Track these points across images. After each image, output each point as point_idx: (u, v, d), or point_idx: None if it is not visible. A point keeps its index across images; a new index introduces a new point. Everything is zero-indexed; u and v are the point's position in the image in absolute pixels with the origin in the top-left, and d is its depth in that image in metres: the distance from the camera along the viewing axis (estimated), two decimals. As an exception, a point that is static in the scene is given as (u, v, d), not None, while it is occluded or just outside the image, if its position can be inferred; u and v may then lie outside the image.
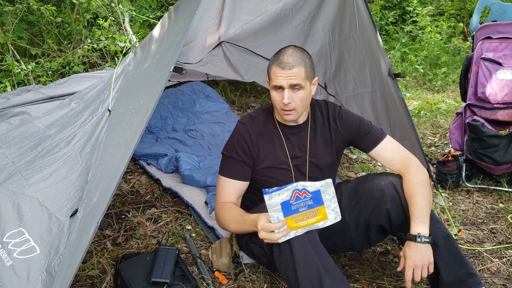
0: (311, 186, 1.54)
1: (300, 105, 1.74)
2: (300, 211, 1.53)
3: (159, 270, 1.76)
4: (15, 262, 1.52)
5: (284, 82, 1.69)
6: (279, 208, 1.51)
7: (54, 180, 1.89)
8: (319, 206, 1.56)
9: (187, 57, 3.17)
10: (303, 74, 1.70)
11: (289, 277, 1.54)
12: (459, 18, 6.51)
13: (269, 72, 1.76)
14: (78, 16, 4.63)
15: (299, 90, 1.71)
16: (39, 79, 3.88)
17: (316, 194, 1.55)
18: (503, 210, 2.52)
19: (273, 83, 1.73)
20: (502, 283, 1.94)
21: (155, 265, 1.78)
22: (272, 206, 1.51)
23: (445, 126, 3.74)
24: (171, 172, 2.76)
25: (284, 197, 1.51)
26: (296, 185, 1.52)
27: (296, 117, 1.80)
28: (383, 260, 2.09)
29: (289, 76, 1.68)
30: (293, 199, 1.52)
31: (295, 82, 1.69)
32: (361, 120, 1.91)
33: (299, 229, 1.54)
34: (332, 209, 1.58)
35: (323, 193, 1.56)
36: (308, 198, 1.54)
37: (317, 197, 1.55)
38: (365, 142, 1.88)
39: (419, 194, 1.66)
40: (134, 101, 1.95)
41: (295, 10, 2.81)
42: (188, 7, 1.97)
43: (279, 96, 1.73)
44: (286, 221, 1.51)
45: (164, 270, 1.76)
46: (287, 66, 1.68)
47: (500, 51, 2.58)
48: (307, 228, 1.55)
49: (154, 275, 1.74)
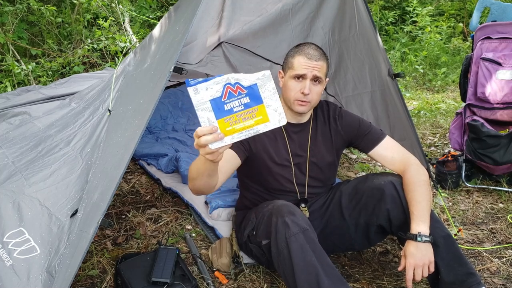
0: (246, 80, 1.26)
1: (315, 99, 1.77)
2: (235, 111, 1.25)
3: (159, 270, 1.76)
4: (15, 262, 1.52)
5: (308, 72, 1.71)
6: (208, 106, 1.25)
7: (54, 180, 1.89)
8: (257, 105, 1.27)
9: (187, 57, 3.16)
10: (325, 69, 1.76)
11: (287, 277, 1.54)
12: (459, 18, 6.51)
13: (291, 61, 1.76)
14: (78, 16, 4.63)
15: (318, 84, 1.75)
16: (39, 79, 3.88)
17: (252, 89, 1.26)
18: (503, 210, 2.52)
19: (296, 72, 1.74)
20: (502, 283, 1.94)
21: (155, 265, 1.79)
22: (200, 104, 1.24)
23: (444, 126, 3.75)
24: (171, 172, 2.76)
25: (214, 92, 1.25)
26: (227, 78, 1.25)
27: (308, 110, 1.81)
28: (383, 260, 2.09)
29: (314, 67, 1.71)
30: (225, 97, 1.25)
31: (318, 74, 1.72)
32: (361, 120, 1.91)
33: (235, 133, 1.27)
34: (274, 109, 1.27)
35: (261, 88, 1.26)
36: (243, 94, 1.26)
37: (254, 93, 1.26)
38: (364, 142, 1.88)
39: (419, 194, 1.66)
40: (134, 101, 1.95)
41: (295, 10, 2.81)
42: (188, 7, 1.97)
43: (299, 85, 1.74)
44: (219, 124, 1.25)
45: (164, 270, 1.76)
46: (314, 58, 1.72)
47: (499, 51, 2.59)
48: (245, 132, 1.27)
49: (154, 275, 1.74)
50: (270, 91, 1.26)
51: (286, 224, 1.55)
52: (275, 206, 1.64)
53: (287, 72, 1.78)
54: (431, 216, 1.66)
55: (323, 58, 1.75)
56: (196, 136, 1.23)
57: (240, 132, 1.27)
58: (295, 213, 1.59)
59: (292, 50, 1.80)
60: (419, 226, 1.60)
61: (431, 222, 1.64)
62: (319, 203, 1.93)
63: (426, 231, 1.60)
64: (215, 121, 1.25)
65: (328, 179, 1.97)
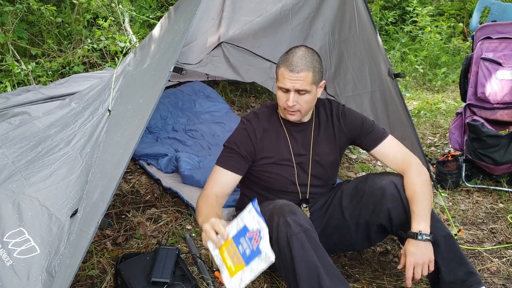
0: (264, 244, 1.41)
1: (304, 107, 1.75)
2: (238, 247, 1.45)
3: (159, 270, 1.76)
4: (15, 262, 1.52)
5: (290, 86, 1.69)
6: (240, 226, 1.47)
7: (54, 180, 1.89)
8: (244, 262, 1.43)
9: (187, 57, 3.16)
10: (310, 79, 1.70)
11: (288, 277, 1.54)
12: (459, 18, 6.51)
13: (277, 71, 1.76)
14: (78, 16, 4.63)
15: (304, 94, 1.72)
16: (39, 79, 3.88)
17: (255, 252, 1.42)
18: (503, 210, 2.52)
19: (279, 84, 1.73)
20: (502, 283, 1.94)
21: (155, 265, 1.78)
22: (243, 218, 1.47)
23: (445, 126, 3.75)
24: (171, 172, 2.76)
25: (249, 224, 1.45)
26: (265, 228, 1.43)
27: (300, 118, 1.81)
28: (383, 260, 2.09)
29: (296, 79, 1.68)
30: (249, 235, 1.45)
31: (301, 87, 1.69)
32: (364, 118, 1.91)
33: (216, 255, 1.48)
34: (240, 278, 1.42)
35: (257, 258, 1.41)
36: (251, 246, 1.43)
37: (252, 256, 1.42)
38: (367, 141, 1.88)
39: (421, 193, 1.67)
40: (134, 101, 1.95)
41: (295, 10, 2.81)
42: (187, 7, 1.97)
43: (284, 97, 1.74)
44: (227, 241, 1.47)
45: (164, 270, 1.76)
46: (295, 69, 1.67)
47: (500, 51, 2.59)
48: (219, 261, 1.47)
49: (154, 275, 1.74)
50: (258, 268, 1.40)
51: (288, 223, 1.54)
52: (276, 205, 1.64)
53: (276, 81, 1.77)
54: (431, 215, 1.66)
55: (308, 68, 1.68)
56: (213, 226, 1.49)
57: (218, 258, 1.48)
58: (297, 212, 1.59)
59: (281, 56, 1.77)
60: (419, 225, 1.61)
61: (431, 222, 1.64)
62: (320, 203, 1.93)
63: (427, 230, 1.60)
64: (231, 236, 1.47)
65: (330, 178, 1.97)
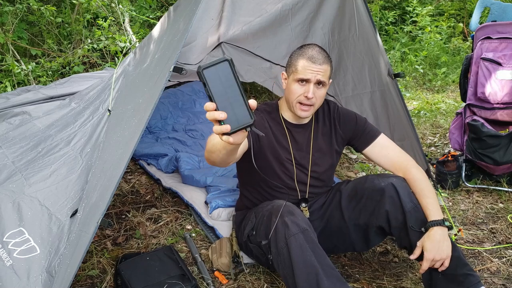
0: None
1: (318, 102, 1.76)
2: None
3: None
4: (15, 262, 1.52)
5: (312, 76, 1.69)
6: None
7: (54, 180, 1.89)
8: None
9: (187, 57, 3.16)
10: (329, 73, 1.74)
11: (287, 277, 1.54)
12: (459, 18, 6.51)
13: (295, 64, 1.74)
14: (78, 16, 4.63)
15: (321, 88, 1.73)
16: (39, 79, 3.88)
17: None
18: (503, 210, 2.52)
19: (299, 76, 1.71)
20: (502, 283, 1.94)
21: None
22: None
23: (445, 126, 3.75)
24: (171, 172, 2.76)
25: None
26: None
27: (310, 114, 1.80)
28: (383, 260, 2.09)
29: (318, 71, 1.69)
30: None
31: (322, 78, 1.70)
32: (357, 117, 1.92)
33: None
34: None
35: None
36: None
37: None
38: (361, 141, 1.88)
39: (427, 190, 1.71)
40: (133, 101, 1.95)
41: (295, 10, 2.81)
42: (187, 7, 1.97)
43: (302, 89, 1.72)
44: None
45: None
46: (318, 61, 1.70)
47: (500, 51, 2.59)
48: None
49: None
50: None
51: (286, 224, 1.54)
52: (274, 206, 1.64)
53: (291, 75, 1.76)
54: None
55: (327, 61, 1.73)
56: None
57: None
58: (295, 213, 1.59)
59: (296, 52, 1.77)
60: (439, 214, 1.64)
61: None
62: (319, 203, 1.93)
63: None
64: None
65: (329, 179, 1.97)
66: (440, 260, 1.59)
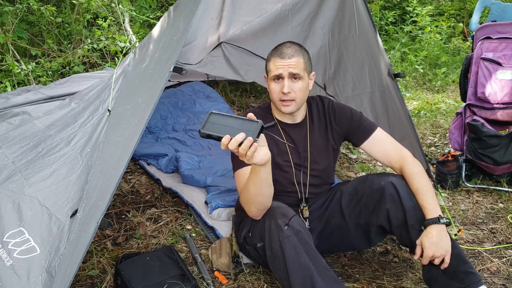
0: None
1: (299, 96, 1.75)
2: None
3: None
4: (15, 262, 1.52)
5: (284, 71, 1.71)
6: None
7: (54, 180, 1.89)
8: None
9: (187, 57, 3.16)
10: (302, 64, 1.74)
11: (282, 279, 1.55)
12: (459, 18, 6.51)
13: (268, 65, 1.78)
14: (78, 16, 4.63)
15: (298, 81, 1.73)
16: (39, 79, 3.88)
17: None
18: (503, 210, 2.52)
19: (272, 74, 1.74)
20: (502, 283, 1.94)
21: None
22: None
23: (445, 126, 3.75)
24: (171, 172, 2.76)
25: None
26: None
27: (295, 109, 1.79)
28: (383, 260, 2.09)
29: (289, 65, 1.71)
30: None
31: (294, 71, 1.71)
32: (352, 112, 1.91)
33: None
34: None
35: None
36: None
37: None
38: (357, 135, 1.88)
39: (424, 185, 1.70)
40: (132, 101, 1.95)
41: (295, 10, 2.81)
42: (187, 6, 1.97)
43: (278, 86, 1.74)
44: None
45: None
46: (286, 56, 1.71)
47: (499, 51, 2.59)
48: None
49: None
50: None
51: (279, 226, 1.55)
52: (269, 208, 1.64)
53: (268, 76, 1.79)
54: None
55: (298, 54, 1.73)
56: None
57: None
58: (289, 215, 1.59)
59: (269, 53, 1.80)
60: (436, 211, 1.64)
61: None
62: (318, 203, 1.93)
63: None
64: None
65: (328, 177, 1.96)
66: (440, 257, 1.59)
